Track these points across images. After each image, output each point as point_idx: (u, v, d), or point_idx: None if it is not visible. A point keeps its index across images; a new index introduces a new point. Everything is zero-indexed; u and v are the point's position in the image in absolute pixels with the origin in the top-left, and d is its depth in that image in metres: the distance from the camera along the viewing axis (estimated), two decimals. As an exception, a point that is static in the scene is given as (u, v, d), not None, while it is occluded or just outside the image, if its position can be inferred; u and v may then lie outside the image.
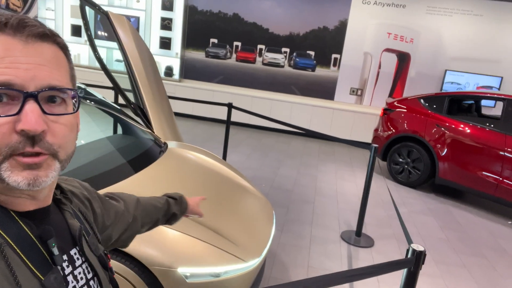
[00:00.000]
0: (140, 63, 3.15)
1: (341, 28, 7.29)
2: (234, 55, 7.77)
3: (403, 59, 7.24)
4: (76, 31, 8.10)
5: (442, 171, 4.80)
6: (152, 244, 1.70)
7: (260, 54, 7.68)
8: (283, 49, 7.59)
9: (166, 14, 7.70)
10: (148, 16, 7.76)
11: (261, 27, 7.55)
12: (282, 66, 7.66)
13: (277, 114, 7.38)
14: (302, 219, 3.73)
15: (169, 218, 1.12)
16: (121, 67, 8.17)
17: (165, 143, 2.81)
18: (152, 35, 7.83)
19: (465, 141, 4.60)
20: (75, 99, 0.58)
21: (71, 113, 0.56)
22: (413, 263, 1.45)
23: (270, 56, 7.65)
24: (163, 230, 1.76)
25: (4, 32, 0.51)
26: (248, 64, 7.76)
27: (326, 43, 7.43)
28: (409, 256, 1.47)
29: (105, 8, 8.10)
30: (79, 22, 8.01)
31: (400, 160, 5.23)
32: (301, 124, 7.31)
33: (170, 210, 1.11)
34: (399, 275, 1.94)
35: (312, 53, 7.52)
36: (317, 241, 3.33)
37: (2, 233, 0.50)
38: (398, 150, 5.25)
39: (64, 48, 0.58)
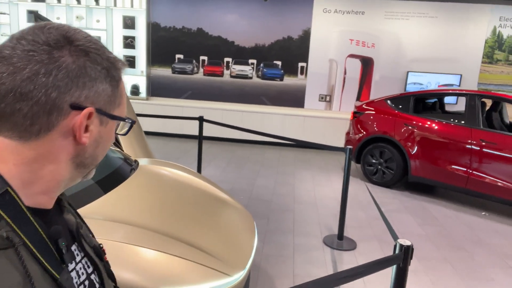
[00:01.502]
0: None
1: (305, 37, 7.42)
2: (201, 70, 7.72)
3: (367, 64, 7.43)
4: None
5: (414, 169, 4.90)
6: (129, 267, 1.59)
7: (228, 67, 7.67)
8: (250, 61, 7.62)
9: (128, 32, 7.58)
10: (109, 36, 7.60)
11: (227, 40, 7.56)
12: (250, 78, 7.67)
13: (249, 125, 7.33)
14: (283, 228, 3.68)
15: None
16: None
17: (135, 161, 2.70)
18: (115, 54, 7.65)
19: (433, 138, 4.73)
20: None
21: (122, 135, 0.70)
22: (402, 259, 1.43)
23: (237, 68, 7.66)
24: (139, 250, 1.66)
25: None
26: (216, 77, 7.72)
27: (292, 52, 7.52)
28: (396, 252, 1.45)
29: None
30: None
31: (373, 161, 5.30)
32: (273, 133, 7.31)
33: None
34: (386, 274, 1.92)
35: (279, 63, 7.59)
36: (300, 249, 3.27)
37: (19, 232, 0.50)
38: (371, 152, 5.33)
39: None
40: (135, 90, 7.77)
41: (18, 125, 0.51)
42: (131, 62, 7.69)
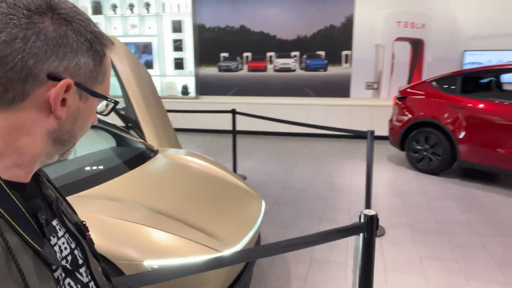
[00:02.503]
0: (134, 84, 3.28)
1: (348, 24, 7.21)
2: (245, 66, 7.88)
3: (417, 46, 7.01)
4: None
5: (462, 153, 4.54)
6: (117, 239, 1.75)
7: (271, 61, 7.74)
8: (293, 53, 7.60)
9: (177, 36, 7.99)
10: (160, 40, 8.09)
11: (269, 35, 7.63)
12: (294, 70, 7.66)
13: (294, 118, 7.34)
14: (311, 215, 3.66)
15: None
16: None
17: (157, 150, 2.90)
18: (166, 57, 8.14)
19: (484, 119, 4.34)
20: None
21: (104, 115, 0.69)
22: (366, 229, 1.40)
23: (280, 62, 7.69)
24: (128, 225, 1.81)
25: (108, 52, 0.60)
26: (260, 72, 7.83)
27: (335, 41, 7.36)
28: (361, 221, 1.42)
29: (121, 38, 8.47)
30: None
31: (418, 147, 5.01)
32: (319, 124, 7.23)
33: None
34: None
35: (322, 53, 7.47)
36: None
37: None
38: (415, 137, 5.04)
39: None
40: (184, 90, 8.17)
41: None
42: (180, 64, 8.11)
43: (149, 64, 8.23)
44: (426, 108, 4.94)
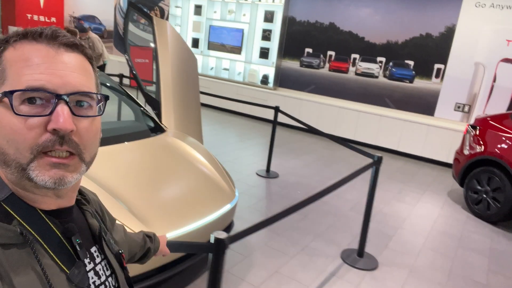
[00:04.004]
0: (168, 63, 3.53)
1: (448, 35, 6.42)
2: (327, 65, 7.66)
3: (527, 71, 5.92)
4: (195, 43, 9.25)
5: (527, 207, 3.79)
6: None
7: (354, 64, 7.37)
8: (379, 59, 7.11)
9: (267, 26, 8.13)
10: (252, 28, 8.33)
11: (357, 36, 7.25)
12: (376, 77, 7.17)
13: (363, 128, 6.95)
14: (312, 229, 3.51)
15: (144, 253, 1.08)
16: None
17: (164, 131, 3.12)
18: (254, 46, 8.37)
19: None
20: (100, 104, 0.62)
21: (97, 115, 0.61)
22: (214, 250, 1.36)
23: (364, 65, 7.27)
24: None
25: (39, 41, 0.56)
26: (341, 74, 7.53)
27: (428, 52, 6.64)
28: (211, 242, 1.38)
29: (217, 22, 9.09)
30: (198, 35, 9.16)
31: (479, 187, 4.32)
32: (390, 140, 6.71)
33: (146, 245, 1.08)
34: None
35: (411, 62, 6.83)
36: (308, 252, 3.10)
37: (30, 229, 0.53)
38: (477, 176, 4.35)
39: (90, 58, 0.63)
40: (264, 80, 8.32)
41: None
42: (265, 53, 8.26)
43: (235, 49, 8.58)
44: (495, 144, 4.21)
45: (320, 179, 4.90)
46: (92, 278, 0.61)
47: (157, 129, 3.12)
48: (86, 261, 0.61)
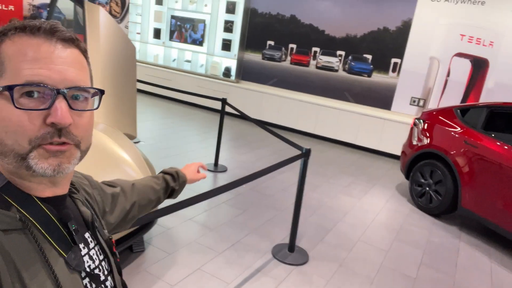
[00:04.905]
0: (97, 51, 3.35)
1: (404, 29, 6.45)
2: (289, 58, 7.59)
3: (479, 66, 6.01)
4: (157, 34, 9.02)
5: (464, 199, 3.82)
6: None
7: (315, 57, 7.32)
8: (338, 52, 7.09)
9: (229, 17, 7.99)
10: (214, 19, 8.17)
11: (317, 29, 7.20)
12: (336, 70, 7.15)
13: (324, 121, 6.93)
14: (248, 224, 3.43)
15: (170, 193, 1.17)
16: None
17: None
18: (217, 37, 8.21)
19: (499, 166, 3.57)
20: (95, 97, 0.65)
21: (94, 109, 0.65)
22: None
23: (324, 59, 7.23)
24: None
25: (37, 36, 0.57)
26: (302, 67, 7.47)
27: (386, 46, 6.66)
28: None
29: (179, 12, 8.84)
30: (160, 25, 8.92)
31: (422, 181, 4.35)
32: (348, 134, 6.72)
33: (169, 186, 1.15)
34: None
35: (369, 56, 6.84)
36: (238, 248, 3.02)
37: (28, 216, 0.56)
38: (421, 169, 4.38)
39: (84, 52, 0.65)
40: (226, 72, 8.19)
41: None
42: (227, 45, 8.12)
43: (197, 42, 8.41)
44: (438, 138, 4.24)
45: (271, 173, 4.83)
46: (87, 262, 0.64)
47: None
48: (81, 246, 0.64)
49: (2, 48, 0.57)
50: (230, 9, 7.96)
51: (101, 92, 0.64)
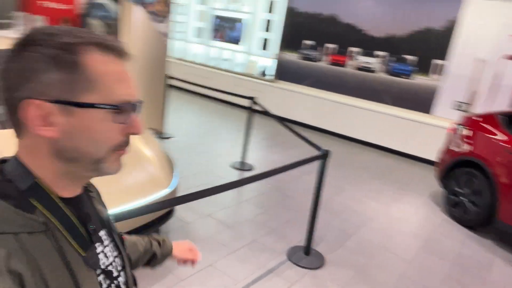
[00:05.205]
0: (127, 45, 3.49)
1: (449, 29, 6.11)
2: (326, 58, 7.45)
3: (532, 69, 5.55)
4: (198, 32, 9.21)
5: (503, 213, 3.55)
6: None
7: (353, 58, 7.13)
8: (378, 53, 6.85)
9: (269, 16, 7.98)
10: (253, 18, 8.20)
11: (357, 29, 7.00)
12: (374, 71, 6.92)
13: (359, 123, 6.74)
14: (268, 223, 3.41)
15: (150, 258, 1.09)
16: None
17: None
18: (255, 36, 8.23)
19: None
20: None
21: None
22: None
23: (362, 60, 7.02)
24: None
25: (120, 58, 0.62)
26: (339, 67, 7.30)
27: (429, 47, 6.34)
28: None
29: (220, 12, 8.86)
30: (202, 24, 9.10)
31: (458, 190, 4.09)
32: (383, 136, 6.48)
33: (152, 249, 1.09)
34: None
35: (410, 57, 6.55)
36: (254, 247, 3.01)
37: (51, 217, 0.58)
38: (458, 177, 4.12)
39: None
40: (263, 71, 8.19)
41: (11, 126, 0.60)
42: (265, 44, 8.12)
43: (236, 40, 8.48)
44: (479, 145, 3.97)
45: (296, 174, 4.77)
46: (102, 259, 0.67)
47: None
48: (97, 244, 0.67)
49: (89, 64, 0.57)
50: (270, 8, 7.95)
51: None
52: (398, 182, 5.03)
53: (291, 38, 7.81)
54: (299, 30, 7.69)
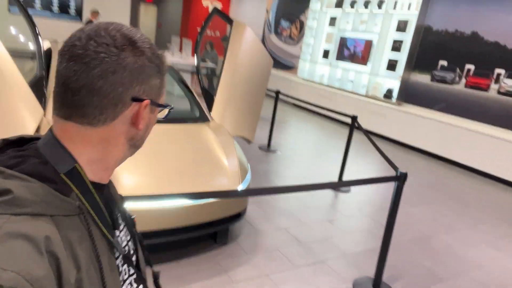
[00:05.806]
0: (234, 62, 3.78)
1: None
2: (463, 80, 6.56)
3: None
4: (325, 54, 9.29)
5: None
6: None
7: (497, 80, 6.10)
8: (530, 75, 5.70)
9: (399, 35, 7.52)
10: (382, 38, 7.84)
11: (505, 47, 6.00)
12: (525, 97, 5.76)
13: (498, 157, 5.68)
14: (341, 247, 3.15)
15: None
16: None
17: (206, 120, 3.41)
18: (383, 57, 7.84)
19: None
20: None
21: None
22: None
23: (510, 83, 5.94)
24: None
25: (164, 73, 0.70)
26: (479, 91, 6.34)
27: None
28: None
29: (348, 33, 8.94)
30: (329, 46, 9.15)
31: None
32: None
33: None
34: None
35: None
36: (319, 269, 2.81)
37: (84, 201, 0.61)
38: None
39: None
40: (388, 94, 7.70)
41: (88, 114, 0.60)
42: (393, 65, 7.64)
43: (360, 61, 8.21)
44: None
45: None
46: (120, 242, 0.72)
47: (202, 119, 3.42)
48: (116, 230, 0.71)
49: (164, 80, 0.69)
50: (401, 27, 7.49)
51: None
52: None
53: (425, 58, 7.16)
54: (434, 50, 7.00)
